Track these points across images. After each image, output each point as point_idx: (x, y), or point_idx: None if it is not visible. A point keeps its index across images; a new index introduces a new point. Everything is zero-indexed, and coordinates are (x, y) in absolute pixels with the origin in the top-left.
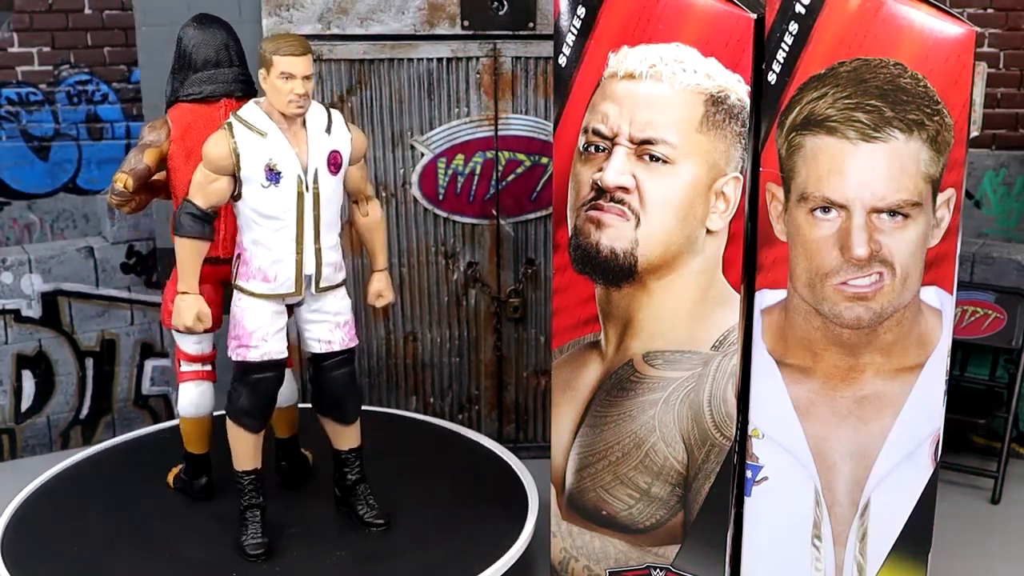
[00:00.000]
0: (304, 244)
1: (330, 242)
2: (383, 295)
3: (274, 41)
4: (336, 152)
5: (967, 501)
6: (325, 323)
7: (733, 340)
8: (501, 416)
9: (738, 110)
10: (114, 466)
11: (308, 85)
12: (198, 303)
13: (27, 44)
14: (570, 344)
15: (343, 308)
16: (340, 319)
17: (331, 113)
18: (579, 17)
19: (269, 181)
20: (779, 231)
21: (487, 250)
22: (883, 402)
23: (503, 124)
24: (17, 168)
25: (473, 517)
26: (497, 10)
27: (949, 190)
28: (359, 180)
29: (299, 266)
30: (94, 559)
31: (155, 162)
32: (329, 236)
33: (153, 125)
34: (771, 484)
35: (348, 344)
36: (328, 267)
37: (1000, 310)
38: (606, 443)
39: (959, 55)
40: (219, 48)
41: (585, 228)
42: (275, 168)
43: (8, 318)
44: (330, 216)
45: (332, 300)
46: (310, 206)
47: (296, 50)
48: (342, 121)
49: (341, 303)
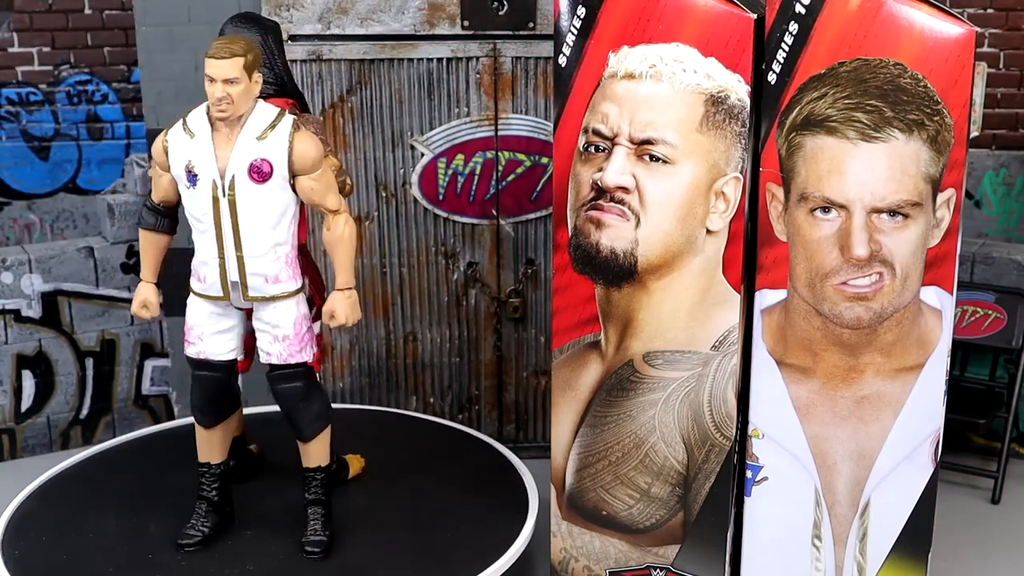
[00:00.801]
0: (225, 250)
1: (256, 252)
2: (335, 316)
3: (213, 42)
4: (263, 160)
5: (967, 501)
6: (265, 334)
7: (733, 340)
8: (501, 416)
9: (738, 110)
10: (114, 466)
11: (231, 89)
12: (145, 291)
13: (27, 44)
14: (570, 344)
15: (283, 322)
16: (279, 332)
17: (281, 120)
18: (579, 17)
19: (189, 183)
20: (779, 231)
21: (487, 250)
22: (883, 402)
23: (503, 124)
24: (17, 168)
25: (473, 517)
26: (497, 10)
27: (949, 190)
28: (310, 192)
29: (222, 271)
30: (94, 559)
31: None
32: (254, 246)
33: None
34: (771, 484)
35: (287, 359)
36: (255, 277)
37: (1000, 310)
38: (606, 443)
39: (959, 55)
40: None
41: (585, 228)
42: (192, 170)
43: (8, 318)
44: (255, 225)
45: (272, 312)
46: (227, 212)
47: (218, 53)
48: (288, 130)
49: (282, 316)
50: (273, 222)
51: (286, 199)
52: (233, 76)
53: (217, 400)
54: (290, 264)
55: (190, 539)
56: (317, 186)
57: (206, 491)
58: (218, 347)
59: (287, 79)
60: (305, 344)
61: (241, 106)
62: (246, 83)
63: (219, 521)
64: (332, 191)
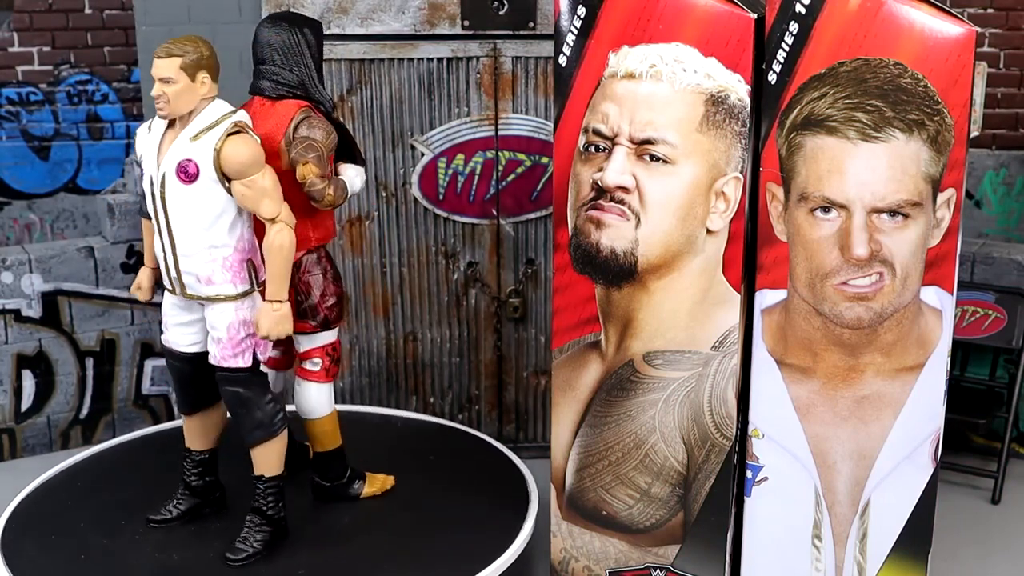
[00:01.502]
0: (164, 246)
1: (187, 251)
2: (260, 326)
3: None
4: (189, 161)
5: (967, 501)
6: (209, 333)
7: (733, 340)
8: (501, 416)
9: (738, 110)
10: (114, 466)
11: (167, 88)
12: (142, 275)
13: (27, 44)
14: (570, 344)
15: (218, 324)
16: (215, 334)
17: (222, 122)
18: (579, 17)
19: (140, 176)
20: (779, 231)
21: (487, 250)
22: (883, 402)
23: (503, 124)
24: (17, 168)
25: (473, 516)
26: (497, 10)
27: (949, 190)
28: (242, 198)
29: (166, 265)
30: (94, 559)
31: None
32: (185, 245)
33: None
34: (771, 484)
35: (221, 363)
36: (188, 276)
37: (1000, 310)
38: (606, 443)
39: (959, 55)
40: (263, 47)
41: (585, 228)
42: (140, 164)
43: (8, 318)
44: (186, 225)
45: (211, 312)
46: (160, 209)
47: (158, 52)
48: (221, 133)
49: (217, 318)
50: (206, 223)
51: (221, 202)
52: (168, 75)
53: (186, 389)
54: (229, 268)
55: (160, 516)
56: (249, 192)
57: (186, 475)
58: (179, 339)
59: (308, 80)
60: (241, 350)
61: (179, 105)
62: (185, 83)
63: (194, 505)
64: (268, 198)
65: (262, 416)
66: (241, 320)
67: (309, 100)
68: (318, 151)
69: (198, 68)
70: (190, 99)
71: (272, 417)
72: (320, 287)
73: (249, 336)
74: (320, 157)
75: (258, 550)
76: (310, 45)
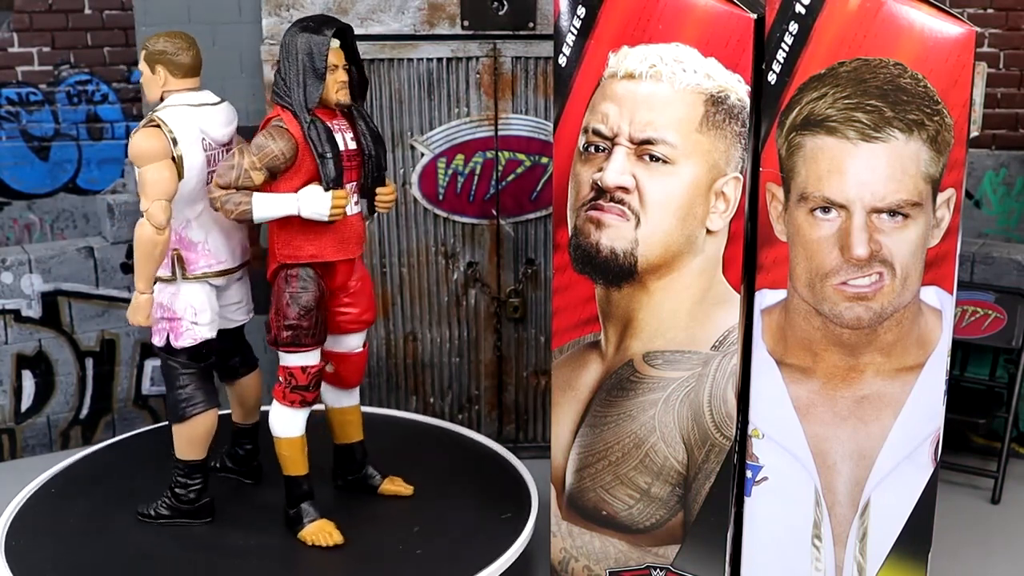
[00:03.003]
0: None
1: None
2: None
3: None
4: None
5: (967, 501)
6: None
7: (733, 340)
8: (501, 416)
9: (738, 110)
10: (114, 466)
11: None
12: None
13: (27, 44)
14: (570, 344)
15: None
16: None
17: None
18: (579, 17)
19: None
20: (779, 231)
21: (487, 250)
22: (883, 402)
23: (503, 124)
24: (17, 168)
25: (473, 517)
26: (497, 10)
27: (949, 190)
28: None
29: None
30: (94, 559)
31: None
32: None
33: None
34: (771, 484)
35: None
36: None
37: (1000, 310)
38: (606, 443)
39: (959, 55)
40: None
41: (585, 228)
42: None
43: (8, 318)
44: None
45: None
46: None
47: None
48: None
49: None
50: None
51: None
52: (141, 66)
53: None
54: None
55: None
56: (138, 179)
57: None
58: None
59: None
60: (157, 330)
61: (148, 94)
62: (147, 73)
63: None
64: (143, 191)
65: (172, 399)
66: (158, 303)
67: (283, 105)
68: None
69: (154, 61)
70: (153, 90)
71: (180, 402)
72: (275, 305)
73: (163, 319)
74: (232, 166)
75: (157, 516)
76: (298, 49)
